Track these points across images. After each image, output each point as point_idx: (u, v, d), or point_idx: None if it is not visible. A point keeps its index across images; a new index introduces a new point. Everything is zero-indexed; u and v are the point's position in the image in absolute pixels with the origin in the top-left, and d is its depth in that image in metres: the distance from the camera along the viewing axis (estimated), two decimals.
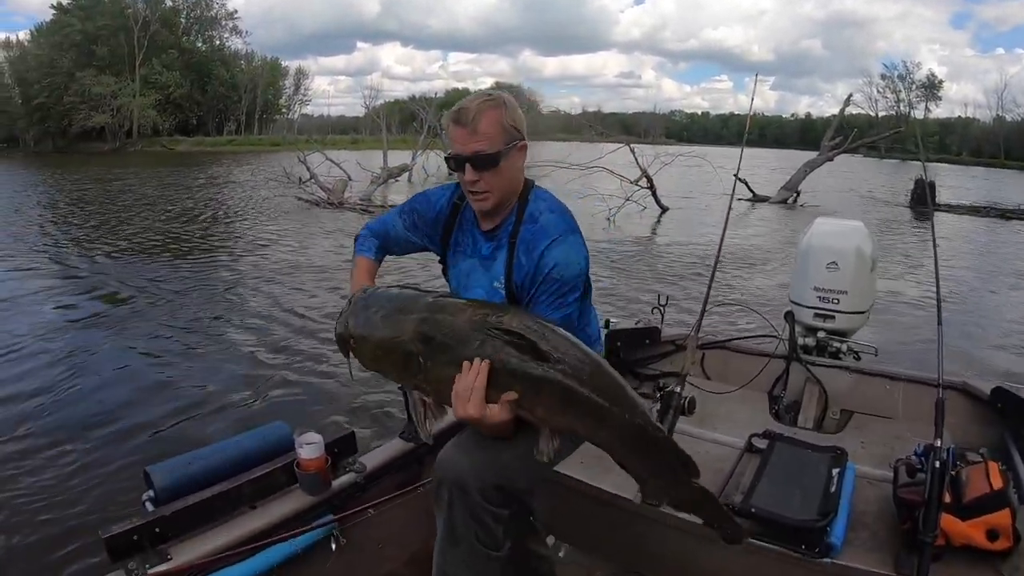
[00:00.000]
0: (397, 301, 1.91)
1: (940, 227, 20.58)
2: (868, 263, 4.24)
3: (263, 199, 23.54)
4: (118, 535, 2.15)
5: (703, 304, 3.50)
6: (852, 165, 48.94)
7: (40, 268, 11.94)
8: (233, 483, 2.47)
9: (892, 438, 3.55)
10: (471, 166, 2.10)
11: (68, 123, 64.21)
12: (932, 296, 10.47)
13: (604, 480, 2.88)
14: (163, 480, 2.37)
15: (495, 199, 2.17)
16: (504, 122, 2.11)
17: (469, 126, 2.07)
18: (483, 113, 2.08)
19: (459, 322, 1.79)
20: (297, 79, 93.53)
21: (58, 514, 4.21)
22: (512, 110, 2.15)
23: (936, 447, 2.52)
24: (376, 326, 1.89)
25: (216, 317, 8.94)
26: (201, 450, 2.58)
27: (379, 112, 31.62)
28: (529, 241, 2.17)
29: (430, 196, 2.45)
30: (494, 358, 1.73)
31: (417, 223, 2.45)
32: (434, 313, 1.82)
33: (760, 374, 3.99)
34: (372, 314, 1.91)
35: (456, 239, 2.39)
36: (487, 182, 2.12)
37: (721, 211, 18.47)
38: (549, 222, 2.20)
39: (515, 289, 2.19)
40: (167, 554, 2.22)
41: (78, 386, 6.35)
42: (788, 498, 2.65)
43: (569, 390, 1.71)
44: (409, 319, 1.83)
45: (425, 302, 1.85)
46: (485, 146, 2.08)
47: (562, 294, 2.11)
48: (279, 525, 2.47)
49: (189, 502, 2.34)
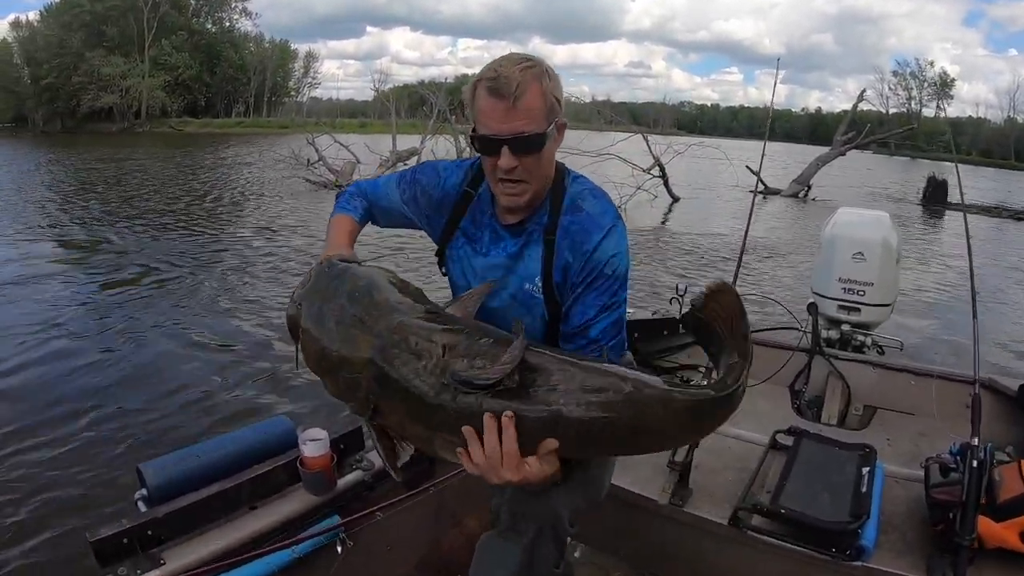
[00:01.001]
0: (361, 304, 1.52)
1: (952, 225, 20.60)
2: (894, 255, 4.17)
3: (271, 180, 23.56)
4: (107, 539, 2.02)
5: None
6: (862, 161, 48.82)
7: (45, 248, 11.82)
8: (232, 482, 2.33)
9: (918, 435, 3.48)
10: (509, 149, 1.69)
11: (77, 103, 64.42)
12: (953, 291, 10.52)
13: (623, 478, 2.77)
14: (157, 478, 2.24)
15: (532, 191, 1.80)
16: (548, 95, 1.72)
17: (510, 98, 1.65)
18: (528, 84, 1.67)
19: (421, 369, 1.40)
20: (307, 62, 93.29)
21: (43, 513, 4.04)
22: (555, 80, 1.75)
23: (973, 445, 2.44)
24: (326, 332, 1.53)
25: (220, 302, 8.81)
26: (198, 446, 2.46)
27: (388, 96, 31.38)
28: (576, 233, 1.80)
29: (440, 171, 2.04)
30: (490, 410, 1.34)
31: (418, 198, 2.04)
32: (395, 344, 1.44)
33: (782, 368, 3.86)
34: (327, 311, 1.55)
35: (466, 229, 1.99)
36: (527, 169, 1.74)
37: (733, 202, 18.56)
38: (597, 209, 1.84)
39: (555, 290, 1.84)
40: (160, 559, 2.08)
41: (73, 371, 6.21)
42: (817, 498, 2.55)
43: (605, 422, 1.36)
44: (365, 340, 1.46)
45: (393, 321, 1.47)
46: (529, 125, 1.68)
47: (614, 292, 1.81)
48: (281, 527, 2.34)
49: (184, 503, 2.20)
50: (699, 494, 2.78)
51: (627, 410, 1.36)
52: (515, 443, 1.35)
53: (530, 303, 1.88)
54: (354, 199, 2.12)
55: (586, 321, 1.79)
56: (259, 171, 27.04)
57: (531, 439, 1.36)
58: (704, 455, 2.95)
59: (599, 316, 1.79)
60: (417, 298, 1.58)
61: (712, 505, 2.72)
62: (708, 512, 2.68)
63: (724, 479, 2.91)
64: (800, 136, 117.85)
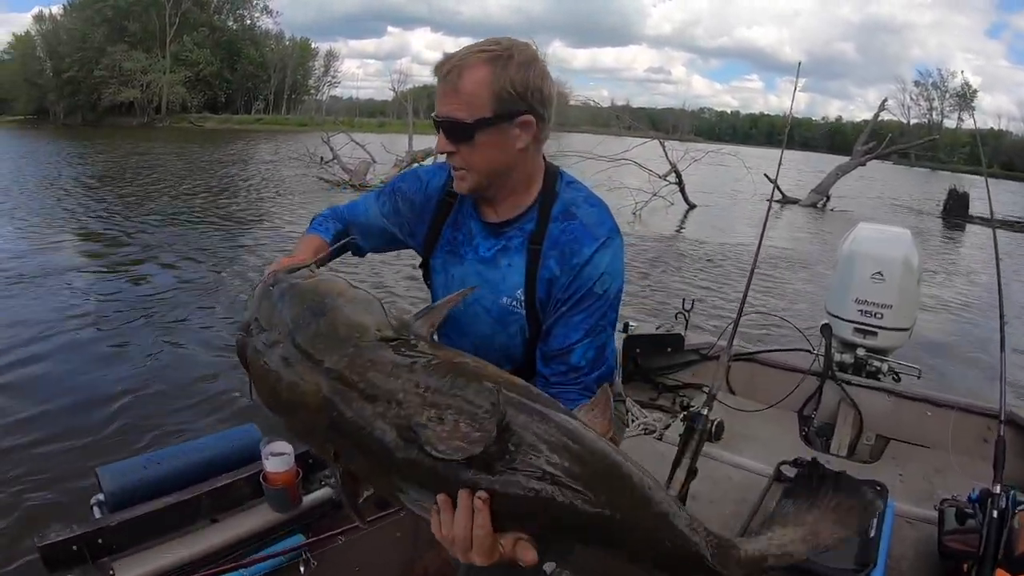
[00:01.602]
0: (308, 333, 1.27)
1: (974, 240, 20.36)
2: (915, 275, 3.97)
3: (285, 178, 23.52)
4: (55, 544, 1.94)
5: (737, 315, 3.17)
6: (882, 172, 48.62)
7: (63, 240, 11.82)
8: (190, 493, 2.24)
9: (933, 471, 3.32)
10: (443, 132, 1.60)
11: (98, 97, 65.21)
12: (975, 312, 10.29)
13: None
14: (114, 483, 2.16)
15: (471, 182, 1.64)
16: (496, 85, 1.54)
17: (450, 79, 1.55)
18: (468, 68, 1.53)
19: (380, 418, 1.16)
20: (327, 61, 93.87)
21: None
22: (519, 70, 1.55)
23: (995, 494, 2.28)
24: (272, 370, 1.28)
25: (222, 299, 8.72)
26: (160, 451, 2.40)
27: (407, 96, 31.39)
28: (567, 244, 1.63)
29: (421, 176, 1.89)
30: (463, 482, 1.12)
31: (400, 207, 1.88)
32: (349, 385, 1.20)
33: (792, 392, 3.71)
34: (271, 342, 1.30)
35: (448, 236, 1.83)
36: (462, 157, 1.60)
37: (750, 211, 18.34)
38: (591, 219, 1.66)
39: (538, 306, 1.67)
40: (110, 569, 1.99)
41: (51, 363, 6.14)
42: None
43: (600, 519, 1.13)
44: (314, 380, 1.22)
45: (345, 355, 1.22)
46: (460, 111, 1.55)
47: (603, 314, 1.63)
48: (241, 543, 2.23)
49: (139, 512, 2.11)
50: None
51: (619, 512, 1.14)
52: (488, 527, 1.13)
53: (507, 319, 1.71)
54: (327, 221, 1.96)
55: (568, 344, 1.61)
56: (276, 168, 27.07)
57: (507, 521, 1.15)
58: (703, 484, 2.78)
59: (582, 340, 1.61)
60: (375, 316, 1.32)
61: None
62: None
63: (722, 512, 2.78)
64: (819, 145, 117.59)
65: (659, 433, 3.50)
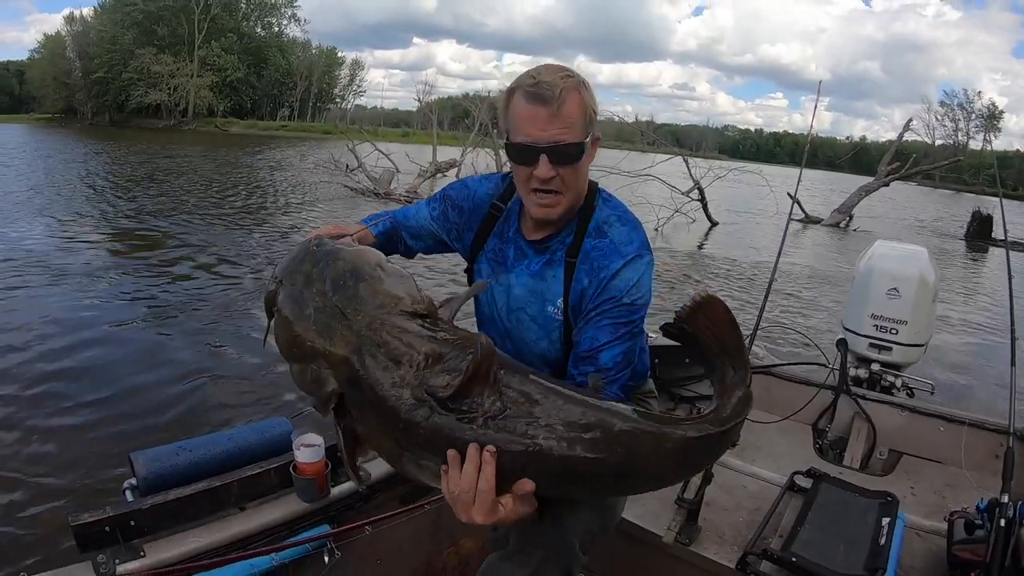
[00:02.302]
0: (345, 294, 1.37)
1: (996, 263, 20.22)
2: (931, 292, 4.00)
3: (311, 184, 23.72)
4: (88, 524, 1.97)
5: (754, 329, 3.23)
6: (906, 192, 48.36)
7: (91, 236, 11.99)
8: (221, 481, 2.26)
9: (944, 486, 3.34)
10: (548, 158, 1.62)
11: (125, 98, 66.08)
12: (991, 335, 10.27)
13: (628, 511, 2.67)
14: (147, 469, 2.19)
15: (566, 204, 1.72)
16: (586, 109, 1.65)
17: (552, 105, 1.59)
18: (568, 92, 1.61)
19: (398, 378, 1.27)
20: (353, 70, 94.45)
21: (37, 491, 4.02)
22: (591, 92, 1.68)
23: (1003, 503, 2.32)
24: (303, 319, 1.38)
25: (246, 299, 8.80)
26: (192, 440, 2.40)
27: (432, 107, 31.52)
28: (596, 260, 1.73)
29: (469, 184, 2.00)
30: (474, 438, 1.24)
31: (448, 214, 1.97)
32: (374, 345, 1.30)
33: (806, 406, 3.74)
34: (308, 295, 1.40)
35: (492, 245, 1.92)
36: (564, 180, 1.67)
37: (772, 230, 18.27)
38: (622, 237, 1.76)
39: (571, 314, 1.78)
40: (140, 550, 2.03)
41: (82, 355, 6.26)
42: (832, 548, 2.43)
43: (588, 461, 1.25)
44: (343, 336, 1.33)
45: (377, 319, 1.32)
46: (568, 134, 1.62)
47: (630, 321, 1.72)
48: (268, 531, 2.28)
49: (171, 496, 2.14)
50: (707, 533, 2.69)
51: (615, 450, 1.26)
52: (492, 482, 1.24)
53: (550, 326, 1.82)
54: (376, 218, 2.04)
55: (597, 347, 1.69)
56: (302, 174, 27.37)
57: (507, 477, 1.25)
58: (717, 492, 2.86)
59: (611, 343, 1.69)
60: (408, 291, 1.41)
61: (720, 546, 2.62)
62: (715, 554, 2.58)
63: (735, 519, 2.81)
64: (843, 165, 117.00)
65: None
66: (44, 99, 70.43)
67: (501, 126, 1.74)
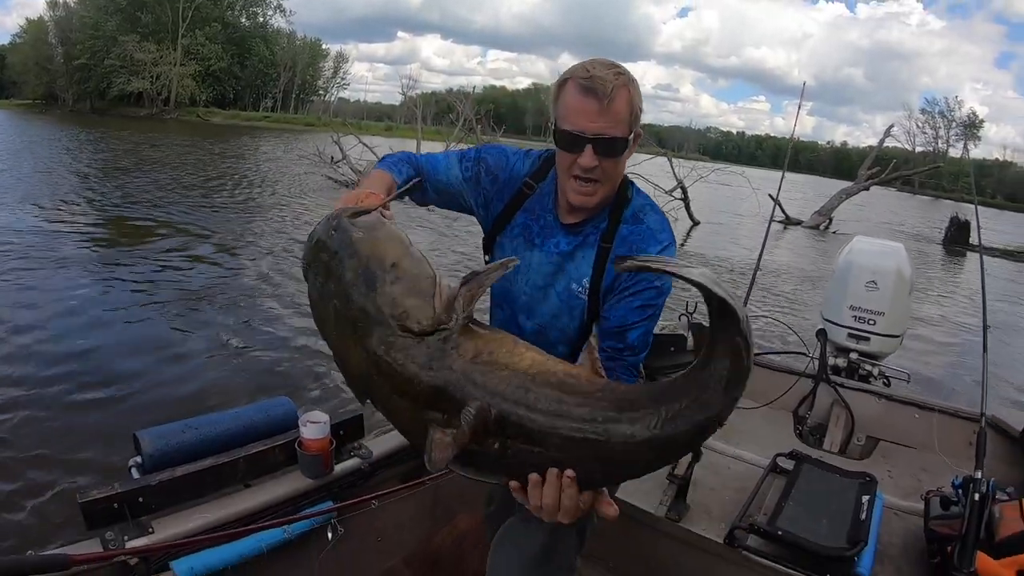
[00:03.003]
0: (357, 303, 1.31)
1: (972, 267, 20.47)
2: (907, 286, 4.16)
3: (296, 175, 23.67)
4: (96, 501, 1.98)
5: None
6: (886, 198, 48.78)
7: (76, 221, 12.01)
8: (227, 458, 2.29)
9: (919, 469, 3.47)
10: (593, 149, 1.70)
11: (107, 86, 65.16)
12: (964, 329, 10.47)
13: (620, 490, 2.73)
14: (152, 446, 2.20)
15: (603, 193, 1.81)
16: (633, 106, 1.74)
17: (603, 99, 1.66)
18: (619, 89, 1.68)
19: (405, 409, 1.31)
20: (337, 62, 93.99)
21: (44, 472, 4.05)
22: (639, 91, 1.77)
23: (976, 479, 2.43)
24: (325, 318, 1.38)
25: (231, 287, 8.85)
26: (197, 418, 2.41)
27: (416, 102, 31.47)
28: (632, 244, 1.83)
29: (509, 155, 2.02)
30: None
31: (481, 178, 1.99)
32: (380, 370, 1.29)
33: (787, 393, 3.88)
34: (326, 292, 1.36)
35: (521, 220, 1.97)
36: (604, 171, 1.75)
37: (752, 230, 18.41)
38: (656, 224, 1.87)
39: (601, 295, 1.85)
40: (148, 527, 2.04)
41: (84, 338, 6.31)
42: (815, 523, 2.53)
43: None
44: (355, 351, 1.32)
45: (389, 337, 1.28)
46: (615, 128, 1.70)
47: (656, 304, 1.83)
48: (273, 507, 2.31)
49: (178, 473, 2.16)
50: (696, 510, 2.77)
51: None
52: (576, 496, 1.29)
53: (573, 303, 1.89)
54: (400, 164, 1.99)
55: (626, 324, 1.79)
56: (284, 165, 27.26)
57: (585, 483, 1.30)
58: (704, 472, 2.94)
59: (640, 322, 1.80)
60: (421, 299, 1.33)
61: (709, 522, 2.70)
62: (704, 529, 2.66)
63: (722, 497, 2.90)
64: (824, 169, 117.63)
65: None
66: (25, 84, 69.58)
67: (551, 113, 1.80)
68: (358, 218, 1.42)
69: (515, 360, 1.31)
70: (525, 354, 1.33)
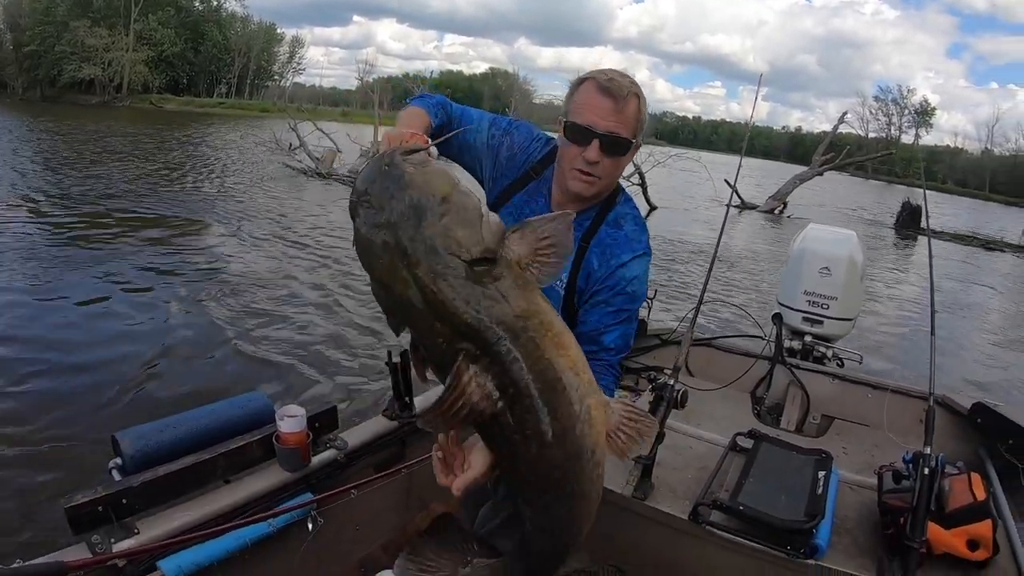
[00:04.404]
0: (408, 233, 1.32)
1: (923, 250, 20.82)
2: (859, 272, 4.32)
3: (252, 163, 23.46)
4: (81, 505, 2.00)
5: (698, 301, 3.45)
6: (839, 183, 49.43)
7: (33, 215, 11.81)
8: (207, 455, 2.32)
9: (872, 446, 3.59)
10: (600, 144, 1.84)
11: (58, 73, 63.51)
12: (914, 312, 10.73)
13: None
14: (132, 448, 2.21)
15: (599, 187, 1.93)
16: (641, 116, 1.89)
17: (620, 102, 1.83)
18: (633, 96, 1.85)
19: (440, 337, 1.35)
20: (292, 47, 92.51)
21: (21, 479, 4.05)
22: (646, 106, 1.92)
23: (926, 454, 2.53)
24: (372, 249, 1.36)
25: (196, 281, 8.77)
26: (174, 417, 2.41)
27: (372, 87, 31.22)
28: (609, 246, 1.95)
29: (534, 139, 2.12)
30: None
31: (502, 151, 2.09)
32: (424, 298, 1.32)
33: (744, 375, 4.01)
34: (377, 224, 1.36)
35: (517, 202, 2.08)
36: (606, 168, 1.89)
37: (709, 215, 18.63)
38: (634, 233, 2.00)
39: (576, 294, 1.97)
40: (134, 528, 2.08)
41: (48, 343, 6.19)
42: (774, 498, 2.63)
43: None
44: (403, 278, 1.33)
45: (438, 265, 1.30)
46: (624, 130, 1.85)
47: (627, 309, 1.94)
48: (254, 502, 2.35)
49: (159, 473, 2.18)
50: (661, 489, 2.85)
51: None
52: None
53: (548, 294, 1.83)
54: (438, 108, 2.03)
55: (602, 328, 1.91)
56: (240, 153, 26.95)
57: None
58: (666, 453, 3.03)
59: (614, 326, 1.91)
60: (471, 231, 1.35)
61: (673, 500, 2.79)
62: (669, 507, 2.74)
63: (685, 476, 2.99)
64: (778, 154, 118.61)
65: None
66: None
67: (564, 107, 1.93)
68: (409, 155, 1.43)
69: (558, 352, 1.37)
70: (569, 353, 1.39)
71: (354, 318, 7.71)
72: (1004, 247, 26.32)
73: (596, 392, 1.41)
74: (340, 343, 6.86)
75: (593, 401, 1.39)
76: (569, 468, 1.39)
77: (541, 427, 1.34)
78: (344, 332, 7.24)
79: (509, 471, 1.46)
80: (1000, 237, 28.62)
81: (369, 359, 6.35)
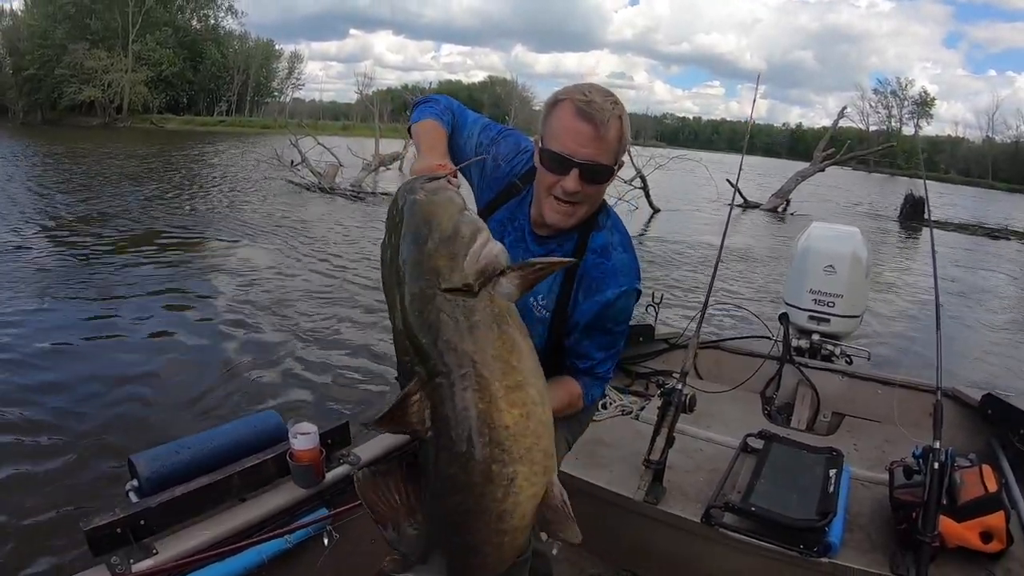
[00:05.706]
0: (404, 256, 1.40)
1: (925, 240, 20.86)
2: (864, 269, 4.33)
3: (255, 180, 23.45)
4: (100, 527, 2.02)
5: (704, 304, 3.47)
6: (841, 177, 49.24)
7: (40, 239, 11.78)
8: (222, 474, 2.34)
9: (883, 441, 3.62)
10: (579, 173, 1.71)
11: (58, 96, 63.62)
12: (921, 305, 10.74)
13: (599, 476, 2.88)
14: (148, 469, 2.24)
15: (580, 215, 1.83)
16: (623, 138, 1.76)
17: (601, 128, 1.68)
18: (615, 118, 1.71)
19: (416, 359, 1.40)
20: (291, 63, 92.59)
21: (38, 503, 4.05)
22: (627, 125, 1.78)
23: (935, 448, 2.55)
24: (384, 265, 1.47)
25: (205, 301, 8.80)
26: (189, 438, 2.44)
27: (372, 100, 31.27)
28: (596, 280, 1.84)
29: (520, 151, 2.01)
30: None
31: (487, 162, 2.01)
32: (414, 322, 1.37)
33: (753, 375, 4.02)
34: (388, 239, 1.48)
35: (499, 218, 1.98)
36: (586, 196, 1.78)
37: (712, 215, 18.64)
38: (622, 264, 1.87)
39: (568, 324, 1.89)
40: (152, 548, 2.10)
41: (61, 369, 6.18)
42: (786, 498, 2.66)
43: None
44: (398, 302, 1.40)
45: (418, 288, 1.37)
46: (605, 156, 1.73)
47: (616, 340, 1.93)
48: (270, 519, 2.37)
49: (176, 493, 2.21)
50: (672, 493, 2.87)
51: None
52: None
53: (529, 317, 1.82)
54: (445, 113, 1.99)
55: (592, 359, 1.93)
56: (243, 170, 26.93)
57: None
58: (677, 456, 3.03)
59: (605, 357, 1.94)
60: (456, 260, 1.39)
61: (685, 503, 2.81)
62: (681, 510, 2.77)
63: (696, 479, 3.01)
64: (780, 151, 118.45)
65: (635, 414, 3.78)
66: None
67: (540, 128, 1.79)
68: (428, 184, 1.50)
69: (503, 404, 1.35)
70: (515, 411, 1.36)
71: (364, 335, 7.71)
72: (1010, 235, 26.24)
73: (537, 463, 1.39)
74: (350, 359, 6.87)
75: (524, 470, 1.36)
76: (468, 521, 1.39)
77: (450, 471, 1.35)
78: (354, 348, 7.24)
79: (424, 492, 1.47)
80: (1005, 225, 28.61)
81: (379, 374, 6.35)
